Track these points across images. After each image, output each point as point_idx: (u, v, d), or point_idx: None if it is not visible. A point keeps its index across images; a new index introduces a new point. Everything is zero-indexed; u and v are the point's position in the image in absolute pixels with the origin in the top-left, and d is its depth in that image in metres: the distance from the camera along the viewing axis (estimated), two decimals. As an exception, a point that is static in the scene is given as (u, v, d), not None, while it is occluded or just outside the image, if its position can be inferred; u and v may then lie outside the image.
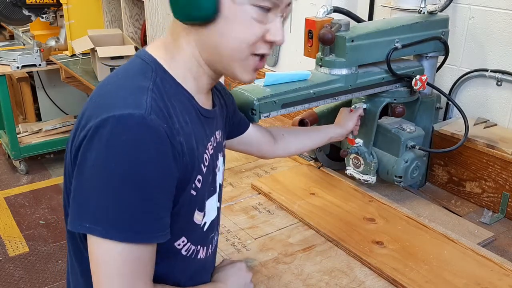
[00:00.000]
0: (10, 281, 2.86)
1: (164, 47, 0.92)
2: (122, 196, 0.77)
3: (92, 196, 0.79)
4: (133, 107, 0.79)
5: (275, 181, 1.76)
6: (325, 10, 1.50)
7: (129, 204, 0.78)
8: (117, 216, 0.78)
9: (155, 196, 0.80)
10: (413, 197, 1.71)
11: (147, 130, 0.78)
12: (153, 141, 0.78)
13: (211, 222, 1.02)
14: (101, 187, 0.78)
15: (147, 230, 0.81)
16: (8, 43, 4.31)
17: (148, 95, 0.82)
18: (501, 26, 1.69)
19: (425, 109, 1.70)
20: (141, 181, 0.78)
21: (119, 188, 0.77)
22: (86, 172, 0.79)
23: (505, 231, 1.54)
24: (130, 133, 0.77)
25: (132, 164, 0.77)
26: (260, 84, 1.36)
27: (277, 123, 2.38)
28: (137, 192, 0.78)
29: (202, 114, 0.94)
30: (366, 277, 1.31)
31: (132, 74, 0.87)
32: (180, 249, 0.95)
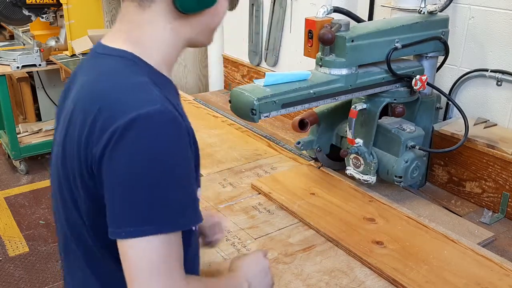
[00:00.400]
0: (10, 281, 2.86)
1: (130, 40, 0.90)
2: (163, 190, 0.79)
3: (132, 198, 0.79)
4: (151, 103, 0.80)
5: (275, 181, 1.76)
6: (325, 10, 1.50)
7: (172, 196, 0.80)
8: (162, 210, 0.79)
9: (189, 183, 0.83)
10: (413, 197, 1.71)
11: (172, 123, 0.80)
12: (177, 133, 0.81)
13: None
14: (140, 187, 0.78)
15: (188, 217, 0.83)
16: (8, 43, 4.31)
17: (153, 88, 0.83)
18: (501, 26, 1.69)
19: (425, 109, 1.70)
20: (175, 172, 0.80)
21: (159, 184, 0.79)
22: (120, 176, 0.78)
23: (505, 231, 1.54)
24: (159, 129, 0.78)
25: (167, 158, 0.79)
26: (260, 84, 1.36)
27: (277, 123, 2.38)
28: (175, 183, 0.80)
29: (177, 92, 0.98)
30: (366, 277, 1.31)
31: (122, 72, 0.86)
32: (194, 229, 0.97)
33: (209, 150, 2.06)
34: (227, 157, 2.00)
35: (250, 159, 1.98)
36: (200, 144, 2.20)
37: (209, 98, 2.78)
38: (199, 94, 2.99)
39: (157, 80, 0.87)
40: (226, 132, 2.27)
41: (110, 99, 0.82)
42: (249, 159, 1.98)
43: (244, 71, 2.78)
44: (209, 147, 2.09)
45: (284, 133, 2.27)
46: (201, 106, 2.58)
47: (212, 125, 2.35)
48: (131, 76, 0.85)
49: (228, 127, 2.32)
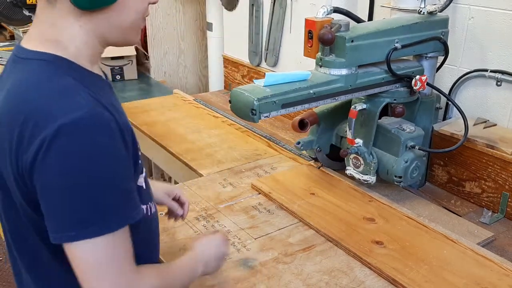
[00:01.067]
0: (11, 281, 2.86)
1: (47, 40, 0.89)
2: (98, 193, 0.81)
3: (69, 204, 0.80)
4: (75, 109, 0.80)
5: (275, 181, 1.77)
6: (325, 10, 1.50)
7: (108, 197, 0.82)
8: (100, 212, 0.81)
9: (124, 181, 0.85)
10: (413, 197, 1.71)
11: (99, 126, 0.81)
12: (107, 134, 0.82)
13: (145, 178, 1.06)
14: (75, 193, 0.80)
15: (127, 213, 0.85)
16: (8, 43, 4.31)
17: (79, 91, 0.83)
18: (501, 26, 1.69)
19: (425, 109, 1.70)
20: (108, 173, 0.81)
21: (93, 188, 0.80)
22: (54, 184, 0.80)
23: (504, 231, 1.54)
24: (86, 134, 0.79)
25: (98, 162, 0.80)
26: (260, 84, 1.37)
27: (277, 123, 2.38)
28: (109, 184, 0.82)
29: (110, 86, 0.98)
30: (366, 277, 1.31)
31: (44, 76, 0.85)
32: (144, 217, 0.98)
33: (209, 150, 2.07)
34: (227, 157, 2.00)
35: (250, 159, 1.99)
36: (200, 144, 2.20)
37: (209, 98, 2.78)
38: (199, 94, 3.00)
39: (83, 79, 0.87)
40: (226, 132, 2.27)
41: (35, 108, 0.81)
42: (249, 159, 1.98)
43: (244, 72, 2.78)
44: (209, 147, 2.09)
45: (284, 133, 2.27)
46: (201, 106, 2.58)
47: (212, 125, 2.35)
48: (54, 80, 0.84)
49: (228, 127, 2.33)
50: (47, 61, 0.87)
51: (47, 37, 0.89)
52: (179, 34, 3.48)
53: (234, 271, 1.32)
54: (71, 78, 0.85)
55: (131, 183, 0.88)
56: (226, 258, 1.19)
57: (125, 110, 0.98)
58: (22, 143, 0.80)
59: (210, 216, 1.57)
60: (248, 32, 2.67)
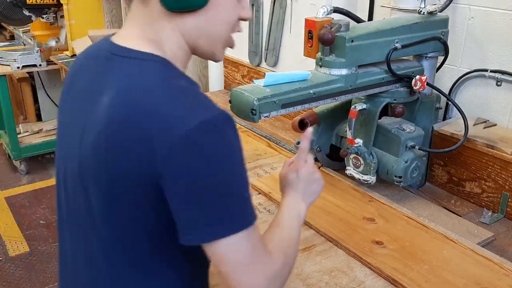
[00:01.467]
0: (11, 281, 2.86)
1: (150, 41, 0.88)
2: (238, 190, 0.83)
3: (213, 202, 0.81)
4: (206, 107, 0.81)
5: (275, 181, 1.75)
6: (325, 10, 1.50)
7: (245, 193, 0.84)
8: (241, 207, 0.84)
9: (248, 180, 0.87)
10: (413, 197, 1.71)
11: (231, 124, 0.83)
12: (236, 133, 0.84)
13: None
14: (219, 189, 0.80)
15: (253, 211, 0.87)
16: (8, 43, 4.32)
17: (198, 91, 0.85)
18: (501, 26, 1.69)
19: (425, 109, 1.70)
20: (242, 171, 0.84)
21: (233, 185, 0.82)
22: (194, 183, 0.79)
23: (504, 231, 1.54)
24: (223, 132, 0.80)
25: (234, 159, 0.83)
26: (260, 84, 1.37)
27: (277, 123, 2.38)
28: (244, 182, 0.84)
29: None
30: (366, 277, 1.31)
31: (163, 78, 0.84)
32: None
33: (209, 150, 2.06)
34: (227, 157, 2.00)
35: (250, 159, 1.99)
36: (200, 144, 2.15)
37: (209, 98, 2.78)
38: (199, 94, 2.99)
39: (188, 80, 0.88)
40: (226, 132, 2.26)
41: (165, 111, 0.79)
42: (249, 159, 1.98)
43: (244, 71, 2.78)
44: (209, 147, 2.09)
45: (284, 133, 2.27)
46: (201, 106, 2.58)
47: (212, 125, 2.34)
48: (173, 82, 0.84)
49: (228, 127, 2.32)
50: (159, 62, 0.86)
51: (149, 37, 0.88)
52: (179, 34, 3.48)
53: (234, 271, 1.31)
54: (183, 79, 0.85)
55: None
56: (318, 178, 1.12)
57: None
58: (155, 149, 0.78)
59: (210, 216, 1.57)
60: (248, 32, 2.67)
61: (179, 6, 0.85)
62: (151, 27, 0.88)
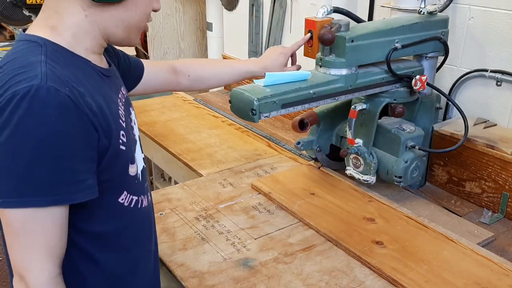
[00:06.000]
0: (11, 281, 2.86)
1: (47, 27, 0.92)
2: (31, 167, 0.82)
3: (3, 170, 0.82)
4: (29, 79, 0.82)
5: (275, 181, 1.77)
6: (325, 10, 1.50)
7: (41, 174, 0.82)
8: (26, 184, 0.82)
9: (66, 162, 0.84)
10: (413, 197, 1.71)
11: (46, 100, 0.81)
12: (55, 110, 0.82)
13: (142, 171, 1.08)
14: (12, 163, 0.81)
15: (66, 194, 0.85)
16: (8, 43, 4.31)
17: (43, 66, 0.84)
18: (500, 26, 1.69)
19: (425, 109, 1.70)
20: (45, 149, 0.82)
21: (29, 161, 0.81)
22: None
23: (504, 231, 1.54)
24: (31, 106, 0.80)
25: (39, 136, 0.81)
26: (260, 84, 1.37)
27: (277, 123, 2.38)
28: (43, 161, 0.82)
29: (103, 74, 0.99)
30: (366, 277, 1.31)
31: (22, 54, 0.88)
32: (125, 204, 1.00)
33: (209, 150, 2.07)
34: (227, 157, 2.00)
35: (250, 159, 1.99)
36: (200, 144, 2.20)
37: (209, 98, 2.78)
38: (199, 94, 2.99)
39: (62, 59, 0.89)
40: (226, 132, 2.27)
41: (2, 80, 0.84)
42: (249, 159, 1.98)
43: (244, 71, 2.78)
44: (209, 147, 2.09)
45: (284, 133, 2.27)
46: (201, 106, 2.58)
47: (212, 125, 2.35)
48: (28, 56, 0.87)
49: (228, 127, 2.33)
50: (31, 41, 0.90)
51: (46, 24, 0.92)
52: (179, 34, 3.48)
53: (234, 271, 1.32)
54: (44, 56, 0.87)
55: (81, 164, 0.87)
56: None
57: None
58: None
59: (210, 216, 1.57)
60: (248, 32, 2.67)
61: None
62: (56, 14, 0.92)
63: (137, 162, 1.04)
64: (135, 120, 1.11)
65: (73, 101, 0.83)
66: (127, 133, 0.98)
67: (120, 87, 1.07)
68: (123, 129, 0.96)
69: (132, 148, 1.02)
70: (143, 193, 1.07)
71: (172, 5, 3.39)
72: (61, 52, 0.90)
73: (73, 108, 0.83)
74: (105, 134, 0.89)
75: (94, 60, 0.97)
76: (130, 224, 1.03)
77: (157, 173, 2.40)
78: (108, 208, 0.97)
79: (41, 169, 0.82)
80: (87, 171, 0.88)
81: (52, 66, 0.85)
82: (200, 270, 1.32)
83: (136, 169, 1.02)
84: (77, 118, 0.84)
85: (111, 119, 0.91)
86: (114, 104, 0.97)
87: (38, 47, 0.89)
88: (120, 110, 0.99)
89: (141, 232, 1.08)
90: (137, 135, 1.10)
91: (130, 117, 1.06)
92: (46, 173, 0.83)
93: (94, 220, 0.95)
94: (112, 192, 0.96)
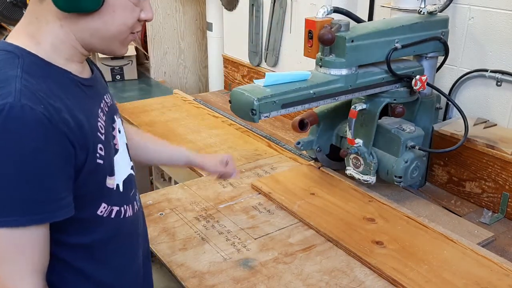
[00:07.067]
0: (10, 281, 2.86)
1: (26, 34, 0.90)
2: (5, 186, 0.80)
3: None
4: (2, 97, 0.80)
5: (275, 181, 1.77)
6: (325, 10, 1.50)
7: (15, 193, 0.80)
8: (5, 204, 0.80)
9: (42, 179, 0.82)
10: (413, 197, 1.71)
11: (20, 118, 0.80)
12: (28, 128, 0.80)
13: (124, 181, 1.04)
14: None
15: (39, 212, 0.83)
16: (8, 43, 4.30)
17: (17, 82, 0.82)
18: (500, 26, 1.69)
19: (425, 109, 1.70)
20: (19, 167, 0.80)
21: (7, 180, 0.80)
22: None
23: (505, 231, 1.54)
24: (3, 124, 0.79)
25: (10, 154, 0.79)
26: (260, 84, 1.37)
27: (277, 123, 2.38)
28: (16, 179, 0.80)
29: (82, 84, 0.96)
30: (366, 277, 1.31)
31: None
32: (105, 216, 0.97)
33: (209, 150, 2.06)
34: (227, 157, 2.00)
35: (250, 159, 1.99)
36: (200, 144, 2.20)
37: (209, 98, 2.78)
38: (199, 94, 3.00)
39: (38, 71, 0.87)
40: (226, 132, 2.27)
41: None
42: (249, 159, 1.98)
43: (244, 71, 2.78)
44: (209, 147, 2.09)
45: (284, 133, 2.27)
46: (201, 106, 2.58)
47: (212, 125, 2.35)
48: (5, 70, 0.85)
49: (228, 127, 2.33)
50: (9, 52, 0.88)
51: (25, 31, 0.91)
52: (179, 34, 3.48)
53: (234, 271, 1.32)
54: (20, 69, 0.85)
55: (58, 182, 0.85)
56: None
57: (125, 110, 0.99)
58: None
59: (210, 216, 1.57)
60: (248, 32, 2.67)
61: (70, 8, 0.87)
62: (35, 22, 0.90)
63: (117, 173, 1.00)
64: (120, 128, 1.07)
65: (48, 119, 0.81)
66: (106, 146, 0.95)
67: (103, 96, 1.03)
68: (101, 142, 0.93)
69: (112, 160, 0.99)
70: (126, 203, 1.03)
71: (172, 5, 3.39)
72: (38, 64, 0.88)
73: (48, 125, 0.81)
74: (82, 149, 0.88)
75: (75, 70, 0.94)
76: (114, 234, 1.01)
77: (157, 173, 2.40)
78: (88, 221, 0.94)
79: (20, 188, 0.80)
80: (65, 188, 0.86)
81: (27, 81, 0.83)
82: (200, 270, 1.32)
83: (115, 181, 0.99)
84: (54, 136, 0.82)
85: (89, 133, 0.90)
86: (94, 116, 0.94)
87: (15, 59, 0.87)
88: (100, 122, 0.96)
89: (127, 241, 1.06)
90: (120, 144, 1.06)
91: (113, 126, 1.03)
92: (25, 192, 0.81)
93: (75, 233, 0.93)
94: (90, 205, 0.94)
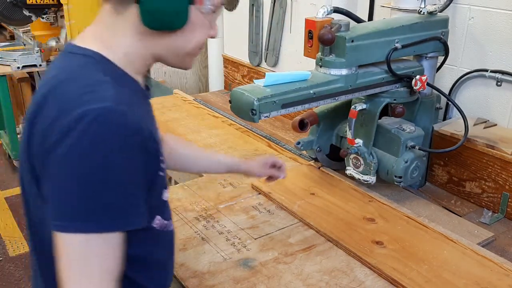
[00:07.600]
0: (11, 281, 2.86)
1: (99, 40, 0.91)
2: (94, 192, 0.79)
3: (69, 193, 0.80)
4: (99, 100, 0.80)
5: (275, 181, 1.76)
6: (325, 10, 1.50)
7: (102, 199, 0.80)
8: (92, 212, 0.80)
9: (127, 187, 0.83)
10: (413, 197, 1.71)
11: (118, 122, 0.80)
12: (123, 132, 0.81)
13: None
14: (74, 185, 0.79)
15: (124, 219, 0.83)
16: (8, 44, 4.31)
17: (110, 87, 0.83)
18: (500, 26, 1.69)
19: (425, 109, 1.70)
20: (111, 174, 0.80)
21: (89, 185, 0.79)
22: (61, 172, 0.80)
23: (505, 231, 1.54)
24: (102, 128, 0.79)
25: (104, 159, 0.79)
26: (260, 84, 1.37)
27: (277, 123, 2.38)
28: (107, 186, 0.80)
29: (146, 96, 0.98)
30: (366, 277, 1.31)
31: (82, 70, 0.87)
32: (157, 228, 0.98)
33: (209, 150, 2.06)
34: (227, 157, 2.00)
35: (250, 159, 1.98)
36: (200, 144, 2.20)
37: (209, 98, 2.78)
38: (199, 94, 3.00)
39: (120, 81, 0.88)
40: (226, 132, 2.27)
41: (67, 97, 0.82)
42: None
43: (244, 72, 2.78)
44: (209, 147, 2.09)
45: (284, 133, 2.27)
46: (201, 106, 2.58)
47: (212, 125, 2.35)
48: (91, 74, 0.86)
49: (228, 127, 2.33)
50: (88, 56, 0.88)
51: (100, 37, 0.91)
52: (179, 34, 3.48)
53: (234, 271, 1.32)
54: (108, 76, 0.85)
55: (138, 190, 0.86)
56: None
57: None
58: (50, 130, 0.81)
59: (210, 216, 1.57)
60: (248, 32, 2.67)
61: (156, 26, 0.88)
62: (110, 31, 0.90)
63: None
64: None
65: (138, 125, 0.83)
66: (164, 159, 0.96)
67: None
68: (162, 155, 0.94)
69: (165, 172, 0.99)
70: (171, 217, 1.05)
71: (172, 5, 3.39)
72: (117, 72, 0.89)
73: (138, 132, 0.82)
74: (155, 160, 0.89)
75: (140, 81, 0.95)
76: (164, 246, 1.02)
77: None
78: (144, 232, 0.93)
79: (107, 193, 0.80)
80: (142, 197, 0.87)
81: (114, 87, 0.84)
82: (200, 270, 1.32)
83: (168, 193, 1.00)
84: (140, 142, 0.83)
85: (159, 144, 0.90)
86: (155, 128, 0.95)
87: (96, 64, 0.87)
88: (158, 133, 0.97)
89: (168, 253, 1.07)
90: None
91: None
92: (111, 197, 0.81)
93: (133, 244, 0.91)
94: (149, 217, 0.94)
